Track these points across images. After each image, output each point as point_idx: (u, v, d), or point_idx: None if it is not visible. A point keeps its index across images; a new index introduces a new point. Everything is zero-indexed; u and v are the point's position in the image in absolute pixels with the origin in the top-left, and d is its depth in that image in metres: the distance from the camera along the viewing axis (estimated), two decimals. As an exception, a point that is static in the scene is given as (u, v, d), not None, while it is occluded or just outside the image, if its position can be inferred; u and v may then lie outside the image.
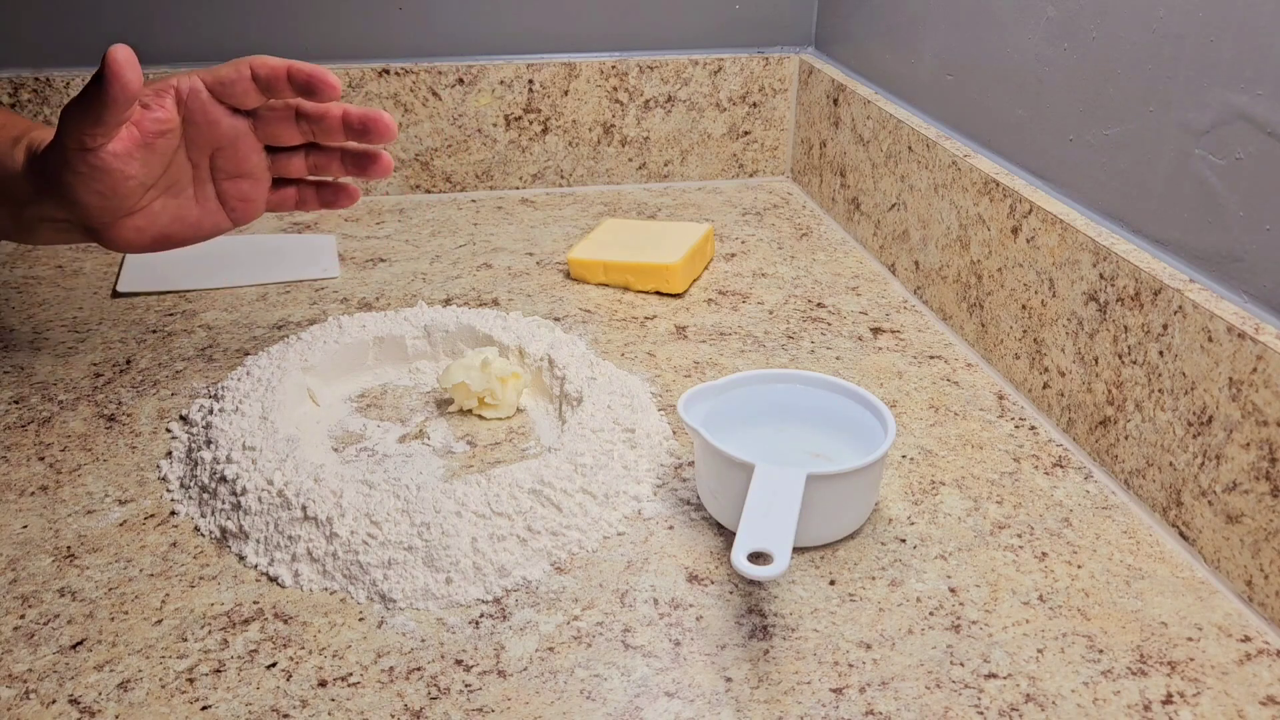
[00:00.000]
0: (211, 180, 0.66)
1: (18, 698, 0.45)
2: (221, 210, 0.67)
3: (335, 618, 0.50)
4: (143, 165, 0.60)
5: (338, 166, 0.69)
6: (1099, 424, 0.62)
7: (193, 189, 0.65)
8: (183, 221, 0.65)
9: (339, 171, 0.70)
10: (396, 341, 0.71)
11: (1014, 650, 0.48)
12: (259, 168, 0.67)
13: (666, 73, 1.02)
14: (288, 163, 0.68)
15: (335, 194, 0.71)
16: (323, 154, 0.69)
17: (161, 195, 0.63)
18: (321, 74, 0.61)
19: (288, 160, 0.68)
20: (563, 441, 0.59)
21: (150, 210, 0.63)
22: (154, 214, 0.63)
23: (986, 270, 0.72)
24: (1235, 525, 0.52)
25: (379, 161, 0.69)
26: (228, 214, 0.67)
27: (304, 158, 0.68)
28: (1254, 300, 0.53)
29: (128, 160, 0.59)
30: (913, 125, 0.82)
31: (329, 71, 0.62)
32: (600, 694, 0.46)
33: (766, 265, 0.88)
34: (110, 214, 0.61)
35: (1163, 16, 0.57)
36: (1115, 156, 0.62)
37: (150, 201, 0.62)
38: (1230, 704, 0.46)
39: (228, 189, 0.66)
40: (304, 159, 0.68)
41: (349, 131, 0.65)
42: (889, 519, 0.57)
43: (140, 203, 0.62)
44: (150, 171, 0.61)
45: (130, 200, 0.61)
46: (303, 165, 0.69)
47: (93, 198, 0.59)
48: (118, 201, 0.60)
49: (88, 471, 0.61)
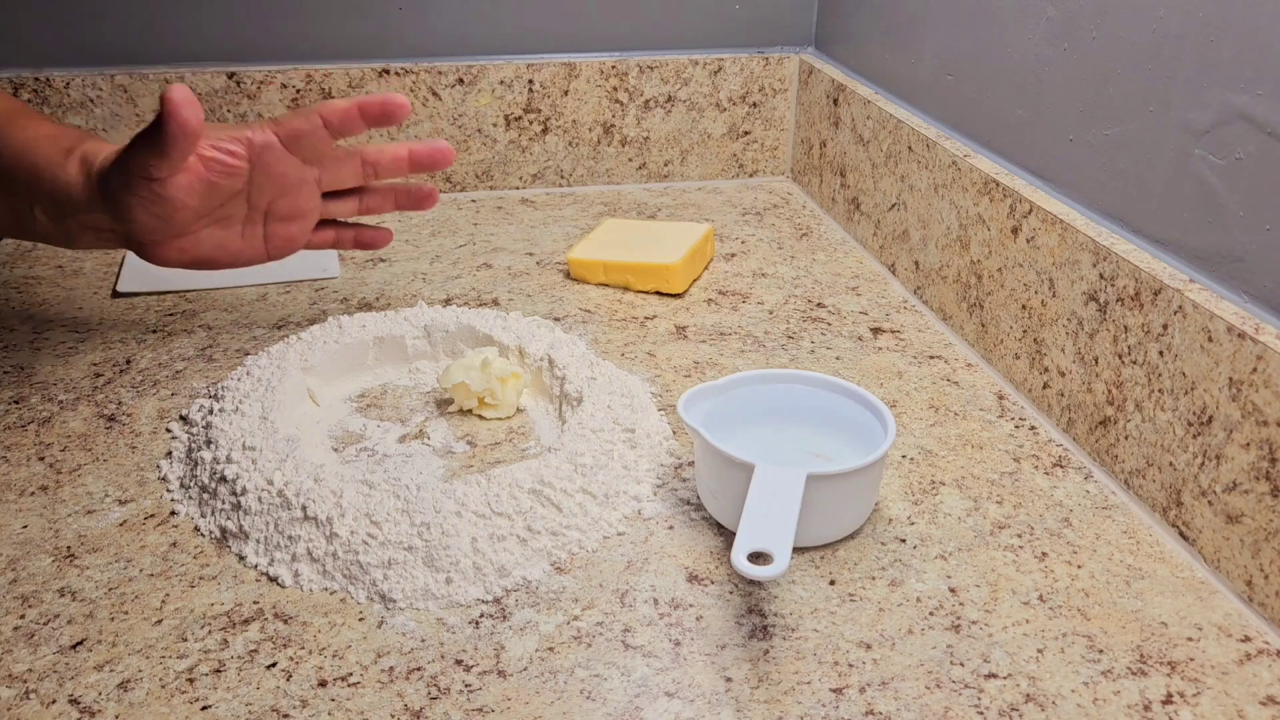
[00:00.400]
0: (263, 221, 0.68)
1: (18, 698, 0.45)
2: (263, 246, 0.69)
3: (335, 618, 0.50)
4: (203, 199, 0.62)
5: (391, 205, 0.72)
6: (1099, 424, 0.62)
7: (242, 225, 0.67)
8: (224, 250, 0.67)
9: (391, 209, 0.72)
10: (396, 341, 0.71)
11: (1014, 650, 0.48)
12: (312, 212, 0.69)
13: (666, 73, 1.02)
14: (340, 205, 0.71)
15: (373, 236, 0.73)
16: (376, 197, 0.71)
17: (212, 225, 0.65)
18: (392, 100, 0.63)
19: (340, 203, 0.71)
20: (563, 441, 0.59)
21: (198, 236, 0.65)
22: (200, 240, 0.65)
23: (986, 270, 0.72)
24: (1235, 525, 0.52)
25: (430, 196, 0.72)
26: (267, 249, 0.69)
27: (356, 202, 0.71)
28: (1254, 300, 0.53)
29: (190, 193, 0.61)
30: (913, 125, 0.82)
31: (396, 95, 0.63)
32: (600, 694, 0.46)
33: (766, 265, 0.88)
34: (160, 234, 0.63)
35: (1163, 16, 0.57)
36: (1115, 156, 0.62)
37: (200, 229, 0.64)
38: (1230, 704, 0.46)
39: (276, 229, 0.68)
40: (357, 202, 0.71)
41: (415, 167, 0.68)
42: (889, 519, 0.57)
43: (191, 229, 0.63)
44: (209, 205, 0.63)
45: (183, 226, 0.63)
46: (354, 207, 0.71)
47: (149, 220, 0.61)
48: (170, 225, 0.62)
49: (88, 471, 0.61)
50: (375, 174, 0.69)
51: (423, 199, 0.72)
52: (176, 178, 0.59)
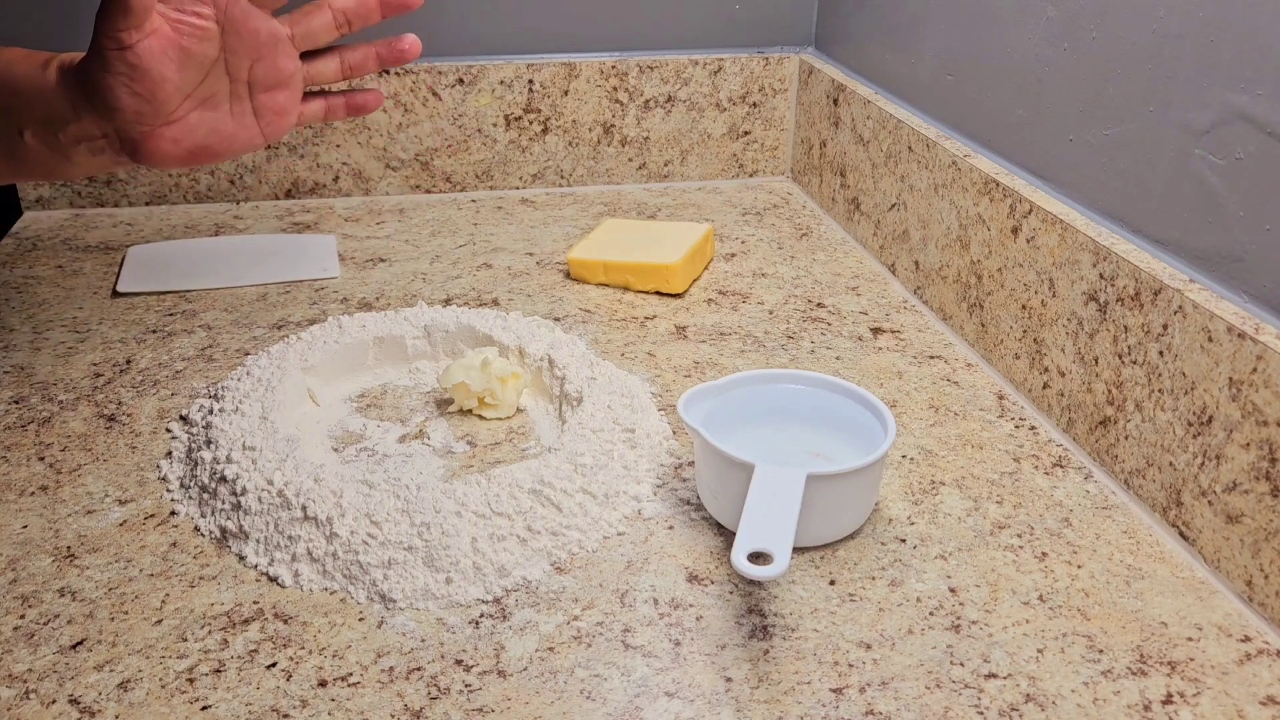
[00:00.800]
0: (248, 94, 0.67)
1: (18, 698, 0.45)
2: (256, 125, 0.68)
3: (335, 618, 0.50)
4: (179, 68, 0.61)
5: (374, 61, 0.70)
6: (1099, 424, 0.62)
7: (229, 103, 0.66)
8: (218, 134, 0.66)
9: (375, 66, 0.71)
10: (396, 341, 0.71)
11: (1014, 650, 0.48)
12: (294, 76, 0.68)
13: (666, 73, 1.02)
14: (322, 68, 0.69)
15: (363, 98, 0.72)
16: (356, 52, 0.70)
17: (198, 107, 0.64)
18: None
19: (322, 66, 0.69)
20: (563, 441, 0.59)
21: (187, 122, 0.64)
22: (190, 126, 0.64)
23: (986, 270, 0.72)
24: (1235, 525, 0.52)
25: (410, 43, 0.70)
26: (261, 128, 0.68)
27: (338, 62, 0.70)
28: (1254, 300, 0.53)
29: (164, 60, 0.60)
30: (913, 125, 0.82)
31: None
32: (600, 694, 0.46)
33: (766, 265, 0.88)
34: (148, 120, 0.62)
35: (1163, 16, 0.57)
36: (1115, 156, 0.62)
37: (187, 112, 0.63)
38: (1230, 704, 0.46)
39: (264, 101, 0.67)
40: (338, 63, 0.70)
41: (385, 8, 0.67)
42: (889, 519, 0.57)
43: (177, 112, 0.63)
44: (188, 78, 0.62)
45: (168, 105, 0.62)
46: (337, 69, 0.70)
47: (131, 100, 0.60)
48: (155, 105, 0.61)
49: (88, 471, 0.61)
50: (347, 22, 0.68)
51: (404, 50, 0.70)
52: (148, 43, 0.59)
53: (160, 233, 0.93)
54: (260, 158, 0.98)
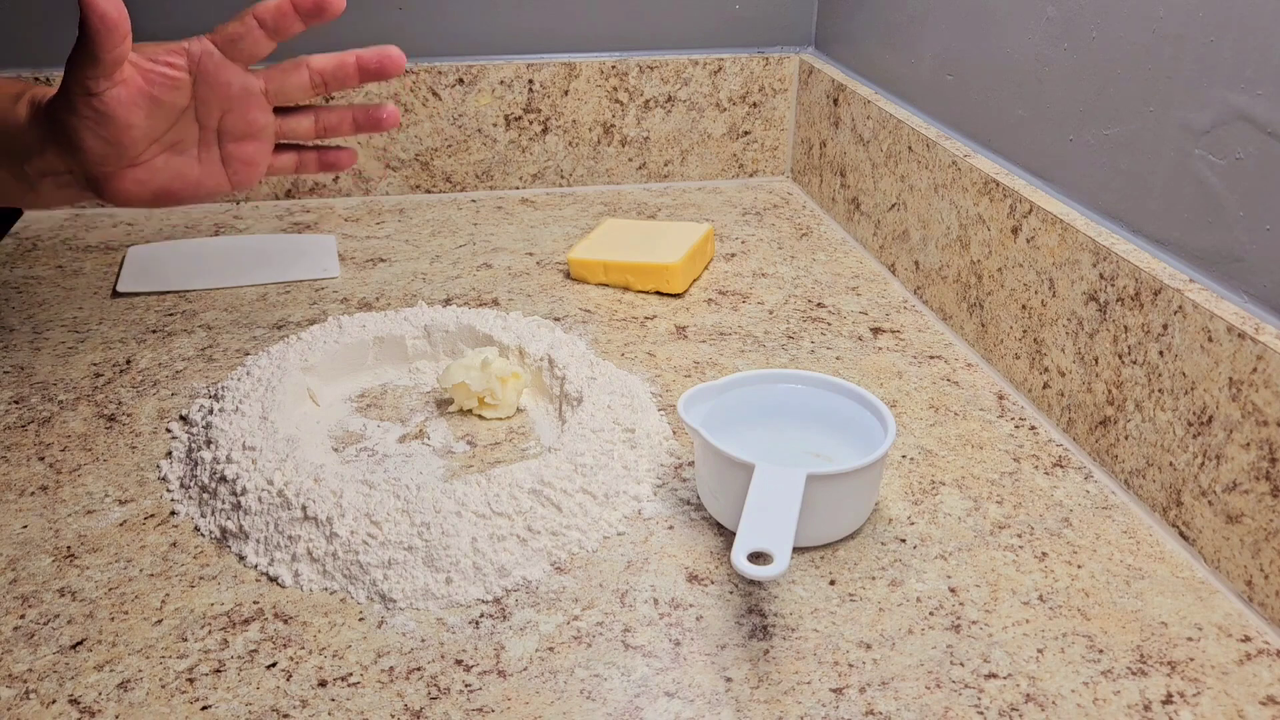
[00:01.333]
0: (217, 143, 0.66)
1: (18, 698, 0.45)
2: (223, 172, 0.67)
3: (335, 618, 0.50)
4: (147, 116, 0.61)
5: (349, 124, 0.69)
6: (1099, 424, 0.62)
7: (197, 149, 0.65)
8: (183, 179, 0.65)
9: (350, 130, 0.70)
10: (396, 341, 0.71)
11: (1014, 650, 0.48)
12: (265, 129, 0.67)
13: (666, 73, 1.02)
14: (295, 124, 0.68)
15: (336, 156, 0.71)
16: (332, 114, 0.69)
17: (165, 151, 0.64)
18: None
19: (296, 122, 0.68)
20: (563, 441, 0.59)
21: (152, 164, 0.63)
22: (155, 168, 0.63)
23: (986, 270, 0.72)
24: (1235, 525, 0.52)
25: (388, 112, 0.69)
26: (229, 176, 0.67)
27: (313, 120, 0.69)
28: (1254, 300, 0.53)
29: (132, 109, 0.59)
30: (913, 125, 0.82)
31: None
32: (600, 694, 0.46)
33: (766, 265, 0.88)
34: (113, 162, 0.61)
35: (1163, 16, 0.57)
36: (1115, 156, 0.62)
37: (153, 155, 0.63)
38: (1230, 704, 0.46)
39: (232, 151, 0.66)
40: (313, 121, 0.69)
41: (363, 74, 0.66)
42: (889, 519, 0.57)
43: (143, 155, 0.62)
44: (155, 125, 0.62)
45: (133, 150, 0.61)
46: (310, 126, 0.69)
47: (97, 143, 0.60)
48: (120, 150, 0.61)
49: (88, 471, 0.61)
50: (324, 84, 0.67)
51: (381, 119, 0.69)
52: (115, 91, 0.59)
53: (160, 233, 0.93)
54: (260, 158, 0.98)
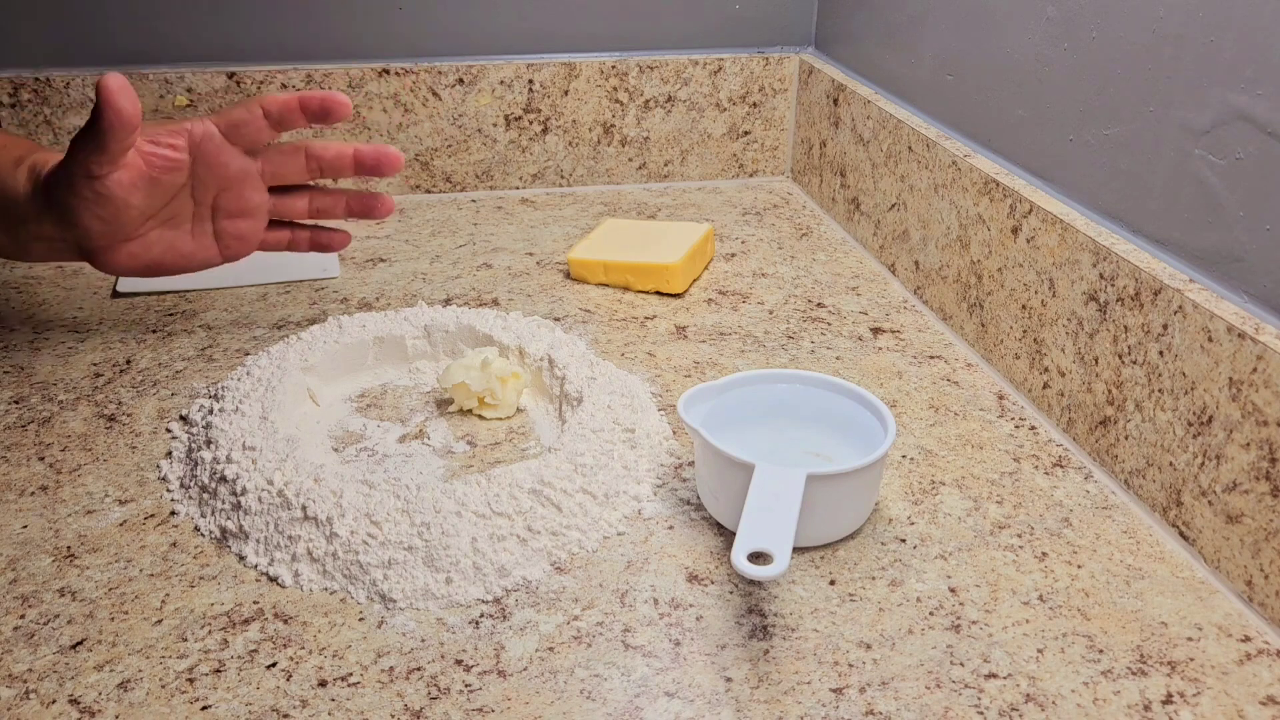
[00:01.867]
0: (211, 218, 0.67)
1: (18, 698, 0.45)
2: (215, 246, 0.68)
3: (335, 618, 0.50)
4: (146, 196, 0.62)
5: (342, 209, 0.71)
6: (1099, 424, 0.62)
7: (191, 224, 0.67)
8: (176, 252, 0.67)
9: (343, 214, 0.71)
10: (396, 341, 0.71)
11: (1014, 650, 0.48)
12: (260, 208, 0.68)
13: (666, 73, 1.02)
14: (290, 205, 0.70)
15: (329, 237, 0.72)
16: (326, 198, 0.70)
17: (160, 226, 0.65)
18: (333, 97, 0.63)
19: (290, 202, 0.70)
20: (563, 441, 0.59)
21: (146, 239, 0.64)
22: (149, 243, 0.65)
23: (986, 270, 0.72)
24: (1235, 525, 0.52)
25: (383, 203, 0.70)
26: (221, 250, 0.69)
27: (307, 202, 0.70)
28: (1254, 300, 0.53)
29: (132, 190, 0.61)
30: (913, 125, 0.82)
31: (338, 93, 0.63)
32: (600, 694, 0.46)
33: (766, 265, 0.88)
34: (108, 239, 0.62)
35: (1163, 16, 0.57)
36: (1115, 156, 0.62)
37: (148, 231, 0.64)
38: (1230, 704, 0.46)
39: (225, 226, 0.68)
40: (307, 203, 0.70)
41: (359, 168, 0.67)
42: (889, 519, 0.57)
43: (139, 231, 0.63)
44: (153, 203, 0.63)
45: (130, 228, 0.62)
46: (304, 209, 0.70)
47: (94, 222, 0.61)
48: (117, 227, 0.62)
49: (88, 471, 0.61)
50: (320, 170, 0.68)
51: (374, 206, 0.71)
52: (118, 174, 0.59)
53: (160, 233, 0.93)
54: (260, 158, 0.98)
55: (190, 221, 0.66)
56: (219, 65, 0.94)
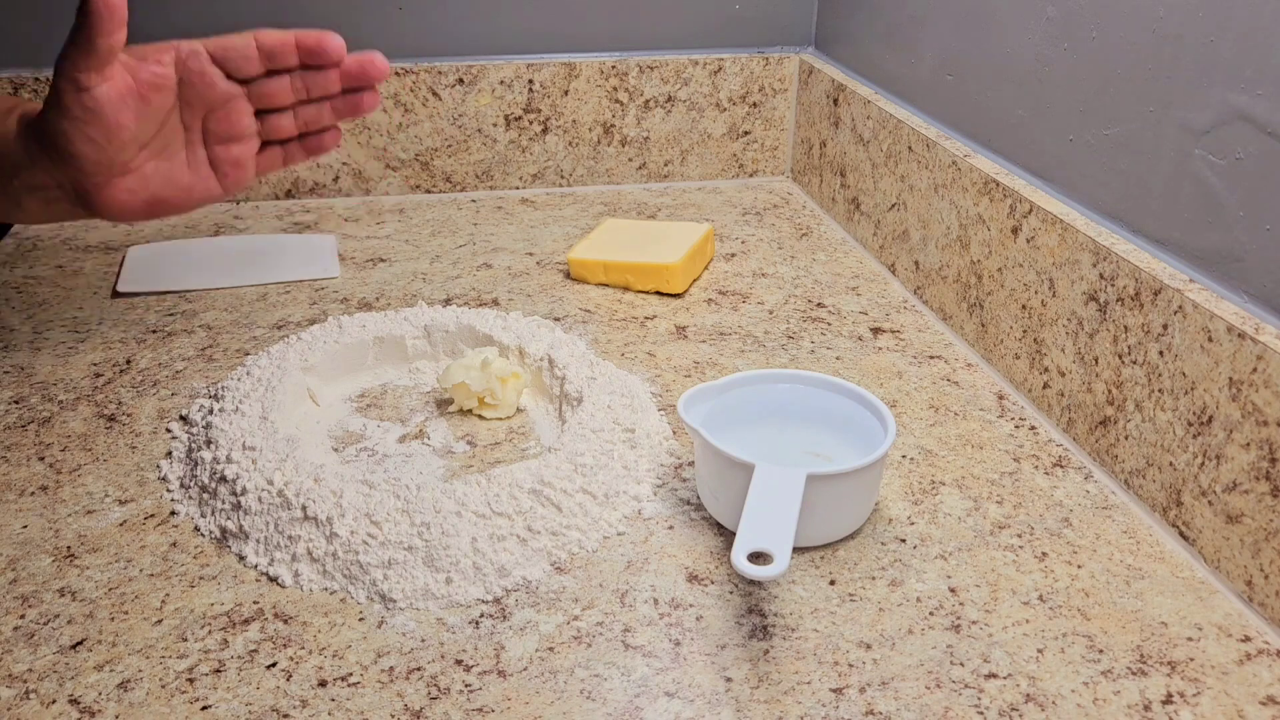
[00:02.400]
0: (203, 144, 0.66)
1: (18, 698, 0.45)
2: (213, 176, 0.67)
3: (335, 618, 0.50)
4: (136, 117, 0.61)
5: (329, 115, 0.69)
6: (1099, 424, 0.62)
7: (185, 152, 0.65)
8: (174, 185, 0.66)
9: (331, 119, 0.70)
10: (396, 341, 0.71)
11: (1014, 650, 0.48)
12: (249, 130, 0.67)
13: (666, 73, 1.02)
14: (277, 123, 0.68)
15: (320, 140, 0.71)
16: (312, 107, 0.69)
17: (154, 157, 0.64)
18: (328, 40, 0.64)
19: (277, 121, 0.68)
20: (563, 441, 0.59)
21: (142, 172, 0.63)
22: (146, 176, 0.64)
23: (986, 270, 0.72)
24: (1235, 525, 0.52)
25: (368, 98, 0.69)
26: (219, 180, 0.67)
27: (293, 117, 0.69)
28: (1254, 300, 0.53)
29: (121, 107, 0.60)
30: (913, 125, 0.82)
31: (332, 34, 0.63)
32: (600, 694, 0.46)
33: (766, 265, 0.88)
34: (103, 170, 0.62)
35: (1163, 16, 0.57)
36: (1115, 156, 0.62)
37: (143, 163, 0.63)
38: (1230, 704, 0.46)
39: (219, 153, 0.67)
40: (293, 119, 0.69)
41: (345, 79, 0.66)
42: (889, 519, 0.57)
43: (133, 162, 0.63)
44: (144, 127, 0.62)
45: (123, 154, 0.62)
46: (292, 125, 0.69)
47: (87, 146, 0.60)
48: (111, 153, 0.61)
49: (88, 471, 0.61)
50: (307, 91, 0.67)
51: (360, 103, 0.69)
52: (105, 88, 0.59)
53: (160, 233, 0.93)
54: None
55: (184, 149, 0.65)
56: (219, 65, 0.94)
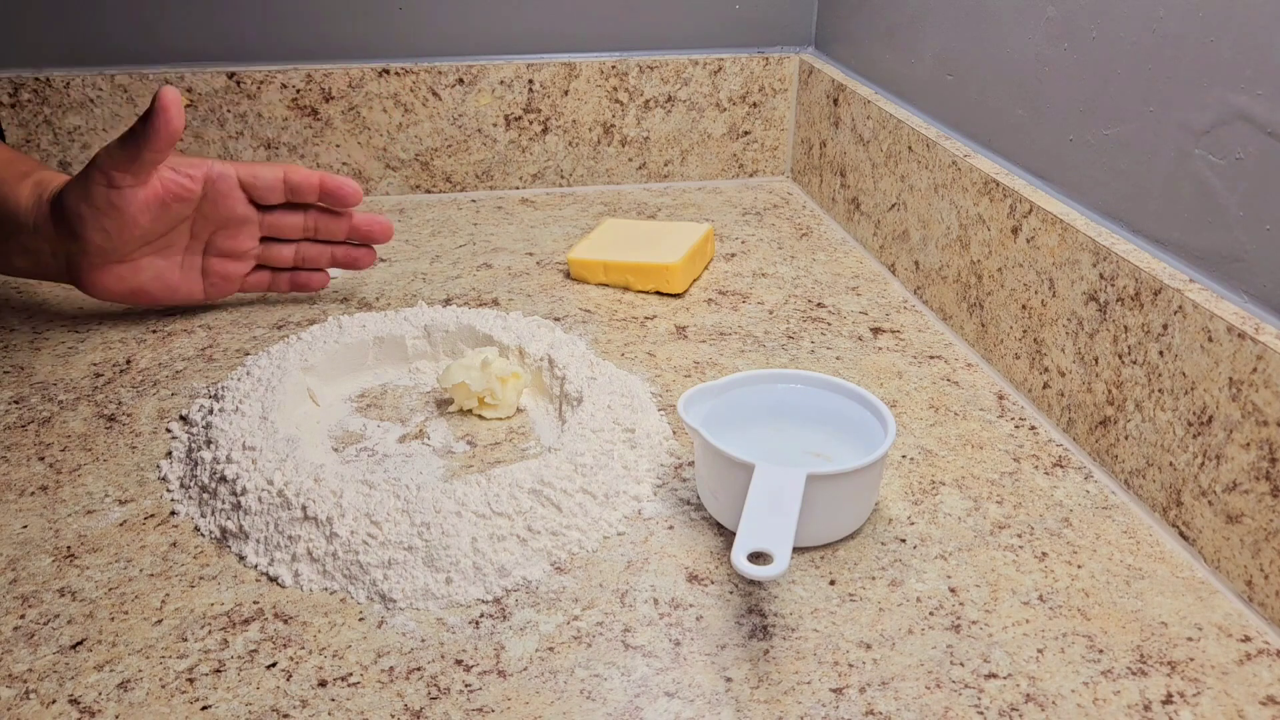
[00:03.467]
0: (203, 253, 0.70)
1: (18, 698, 0.45)
2: (200, 282, 0.72)
3: (335, 618, 0.50)
4: (153, 220, 0.64)
5: (327, 259, 0.75)
6: (1099, 424, 0.62)
7: (182, 256, 0.70)
8: (162, 282, 0.70)
9: (327, 263, 0.76)
10: (396, 341, 0.71)
11: (1014, 650, 0.48)
12: (250, 251, 0.72)
13: (666, 73, 1.02)
14: (278, 253, 0.74)
15: (309, 278, 0.76)
16: (314, 247, 0.75)
17: (152, 254, 0.67)
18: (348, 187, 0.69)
19: (279, 250, 0.74)
20: (563, 441, 0.59)
21: (137, 263, 0.67)
22: (139, 268, 0.67)
23: (986, 270, 0.72)
24: (1235, 525, 0.52)
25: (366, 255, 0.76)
26: (205, 287, 0.72)
27: (294, 251, 0.74)
28: (1254, 300, 0.53)
29: (143, 210, 0.64)
30: (913, 125, 0.82)
31: (352, 181, 0.69)
32: (600, 694, 0.46)
33: (766, 265, 0.88)
34: (103, 256, 0.64)
35: (1163, 16, 0.57)
36: (1115, 156, 0.62)
37: (141, 255, 0.66)
38: (1230, 704, 0.46)
39: (214, 265, 0.72)
40: (294, 252, 0.74)
41: (354, 232, 0.73)
42: (889, 519, 0.57)
43: (132, 254, 0.65)
44: (156, 228, 0.65)
45: (127, 248, 0.64)
46: (290, 257, 0.74)
47: (98, 234, 0.63)
48: (116, 245, 0.64)
49: (88, 471, 0.61)
50: (316, 230, 0.72)
51: (359, 257, 0.75)
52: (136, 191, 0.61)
53: (160, 233, 0.93)
54: (259, 157, 0.98)
55: (182, 254, 0.69)
56: (219, 65, 0.94)
